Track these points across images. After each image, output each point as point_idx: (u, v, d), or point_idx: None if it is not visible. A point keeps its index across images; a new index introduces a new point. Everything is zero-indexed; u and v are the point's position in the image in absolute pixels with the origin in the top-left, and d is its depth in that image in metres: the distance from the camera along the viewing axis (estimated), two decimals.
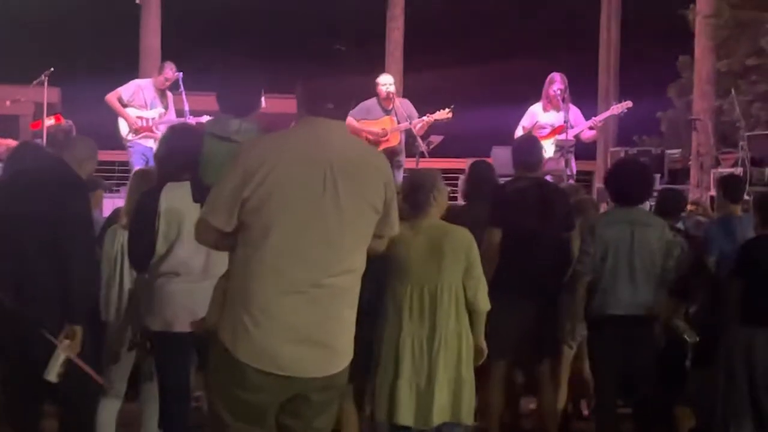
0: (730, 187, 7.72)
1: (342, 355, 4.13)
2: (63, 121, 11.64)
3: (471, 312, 5.87)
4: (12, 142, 11.32)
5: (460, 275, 5.80)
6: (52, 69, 12.25)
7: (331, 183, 4.01)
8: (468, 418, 5.85)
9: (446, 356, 5.75)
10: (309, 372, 4.04)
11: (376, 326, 5.87)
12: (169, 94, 12.01)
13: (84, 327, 5.38)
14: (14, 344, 5.44)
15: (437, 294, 5.76)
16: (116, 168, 14.16)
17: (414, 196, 5.90)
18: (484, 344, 5.94)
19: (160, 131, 11.74)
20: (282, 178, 3.98)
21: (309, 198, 4.00)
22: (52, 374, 5.25)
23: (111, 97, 11.67)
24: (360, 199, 4.07)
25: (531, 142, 7.53)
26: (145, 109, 11.74)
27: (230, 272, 4.16)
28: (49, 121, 11.77)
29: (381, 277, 5.98)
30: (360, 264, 4.15)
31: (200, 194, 4.49)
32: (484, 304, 5.89)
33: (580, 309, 6.59)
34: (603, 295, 6.49)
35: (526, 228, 6.74)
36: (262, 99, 5.67)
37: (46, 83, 12.29)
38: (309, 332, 4.00)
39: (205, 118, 11.25)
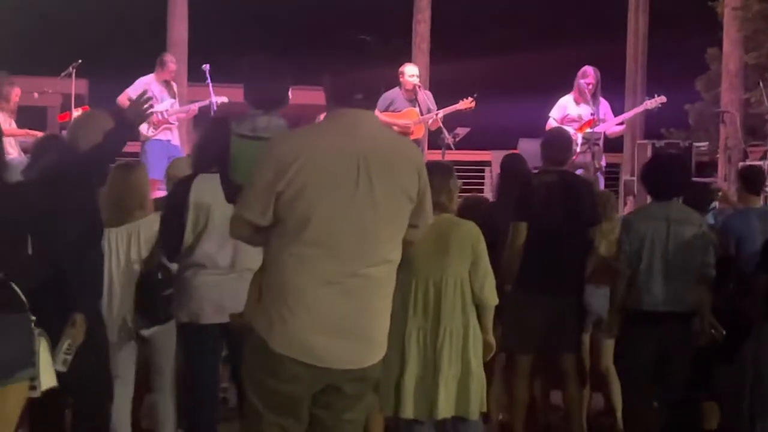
0: (750, 178, 7.69)
1: (377, 346, 4.14)
2: None
3: (478, 306, 5.86)
4: (39, 134, 11.40)
5: (466, 269, 5.79)
6: (80, 61, 12.32)
7: (364, 173, 4.01)
8: (474, 413, 5.83)
9: (451, 350, 5.74)
10: (345, 363, 4.05)
11: None
12: (173, 83, 12.22)
13: (90, 315, 5.40)
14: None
15: (442, 287, 5.75)
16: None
17: None
18: (492, 339, 5.93)
19: (175, 122, 12.01)
20: (315, 170, 3.99)
21: (343, 189, 4.00)
22: (58, 362, 5.26)
23: (122, 99, 11.84)
24: (394, 189, 4.07)
25: (560, 137, 7.48)
26: (157, 103, 11.91)
27: (265, 266, 4.17)
28: (76, 113, 11.83)
29: None
30: (396, 255, 4.16)
31: (232, 194, 4.49)
32: (491, 298, 5.87)
33: (617, 304, 6.54)
34: (638, 291, 6.44)
35: (551, 222, 6.72)
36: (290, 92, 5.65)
37: (74, 75, 12.37)
38: (344, 323, 4.02)
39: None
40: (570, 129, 10.58)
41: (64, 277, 5.27)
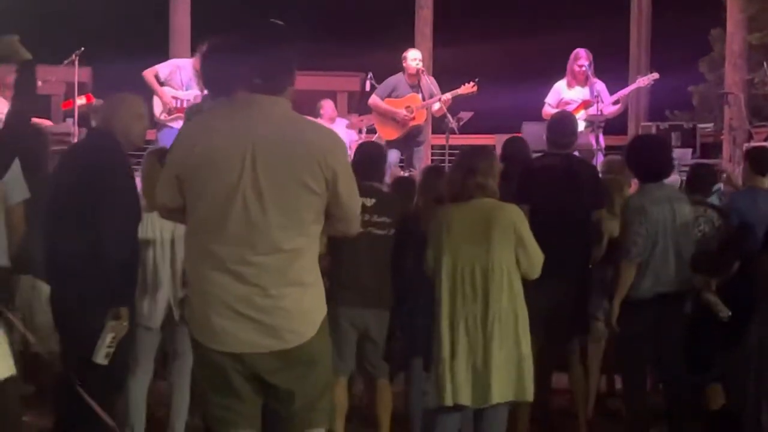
0: (757, 159, 7.69)
1: (283, 332, 4.05)
2: (94, 101, 11.70)
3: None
4: (46, 122, 11.41)
5: (512, 251, 5.78)
6: (82, 48, 12.29)
7: (250, 161, 3.97)
8: (531, 394, 5.84)
9: (502, 334, 5.72)
10: (247, 347, 4.02)
11: (433, 309, 5.85)
12: None
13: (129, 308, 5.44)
14: (63, 326, 5.51)
15: (489, 272, 5.73)
16: (147, 147, 14.18)
17: (469, 179, 5.85)
18: None
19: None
20: (204, 156, 4.00)
21: (228, 176, 3.98)
22: (100, 356, 5.31)
23: (148, 74, 11.60)
24: (285, 178, 3.99)
25: (565, 120, 7.48)
26: (181, 89, 11.74)
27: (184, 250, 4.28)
28: (80, 101, 11.83)
29: (423, 257, 5.99)
30: (296, 244, 4.04)
31: None
32: (536, 274, 5.89)
33: (626, 290, 6.53)
34: (655, 275, 6.44)
35: (554, 205, 6.72)
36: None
37: (76, 63, 12.32)
38: (240, 309, 4.00)
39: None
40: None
41: (108, 269, 5.29)
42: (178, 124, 11.58)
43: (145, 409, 6.38)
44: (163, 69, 11.67)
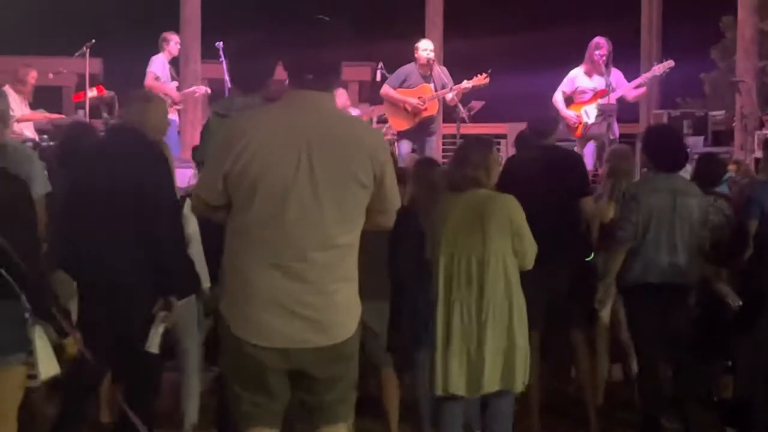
0: None
1: (333, 328, 4.10)
2: (105, 92, 11.77)
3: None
4: (56, 116, 11.49)
5: (508, 242, 5.79)
6: (93, 40, 12.33)
7: (306, 157, 3.97)
8: (519, 386, 5.84)
9: (495, 323, 5.74)
10: (296, 343, 4.05)
11: (429, 301, 5.87)
12: None
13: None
14: (108, 320, 5.49)
15: (485, 262, 5.75)
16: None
17: (461, 171, 5.88)
18: None
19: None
20: (258, 152, 3.98)
21: (283, 173, 3.98)
22: (154, 346, 5.40)
23: (150, 81, 11.90)
24: (340, 174, 4.01)
25: (544, 110, 7.52)
26: (168, 83, 12.02)
27: (225, 247, 4.22)
28: (91, 93, 11.88)
29: (419, 249, 6.00)
30: (347, 240, 4.09)
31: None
32: (529, 265, 5.89)
33: (614, 275, 6.55)
34: (644, 263, 6.45)
35: (535, 197, 6.68)
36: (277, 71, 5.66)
37: (87, 54, 12.38)
38: (292, 306, 4.01)
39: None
40: (563, 105, 10.62)
41: (156, 257, 5.36)
42: (174, 116, 11.94)
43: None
44: (158, 69, 12.02)
